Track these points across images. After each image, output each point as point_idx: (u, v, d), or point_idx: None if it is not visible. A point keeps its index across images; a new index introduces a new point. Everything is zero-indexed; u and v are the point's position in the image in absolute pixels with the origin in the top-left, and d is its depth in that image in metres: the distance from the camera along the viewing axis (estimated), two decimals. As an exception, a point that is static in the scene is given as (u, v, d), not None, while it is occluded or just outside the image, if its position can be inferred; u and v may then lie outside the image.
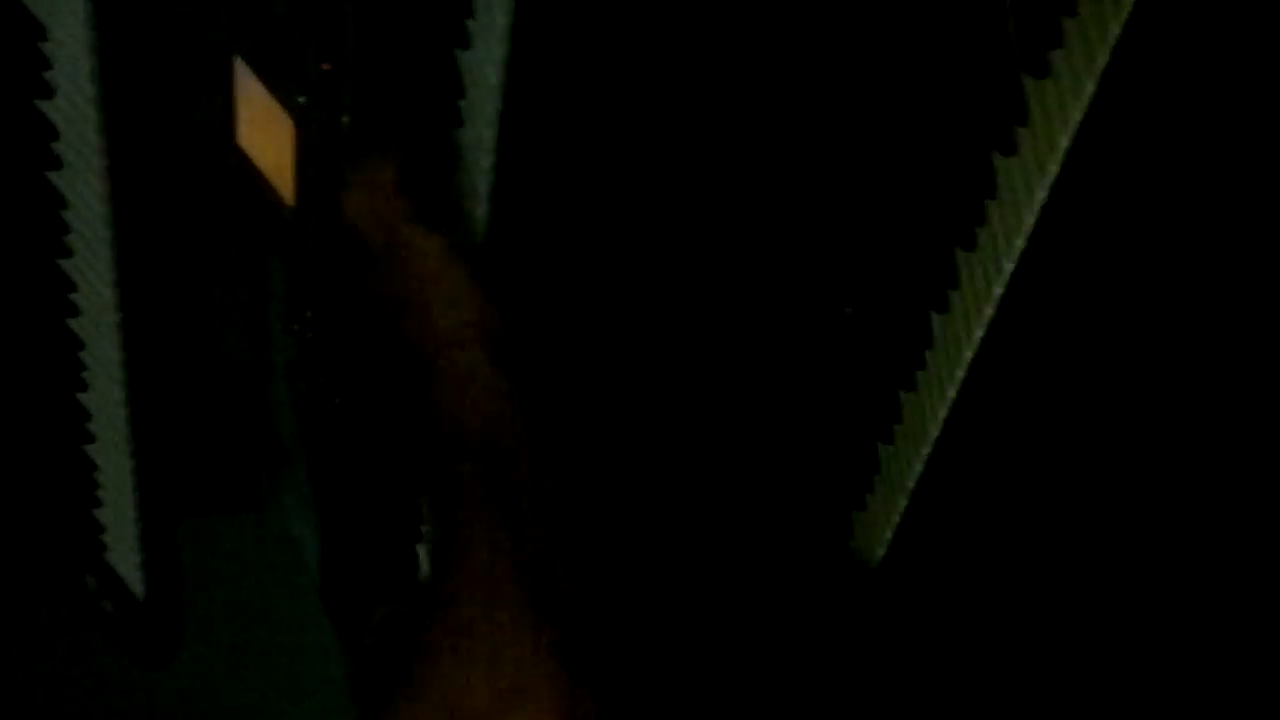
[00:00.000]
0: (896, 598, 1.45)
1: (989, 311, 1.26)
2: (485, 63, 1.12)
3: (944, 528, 1.43)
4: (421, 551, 1.43)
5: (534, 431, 1.08)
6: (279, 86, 1.22)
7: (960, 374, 1.31)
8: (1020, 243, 1.21)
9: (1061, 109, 1.13)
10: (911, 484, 1.40)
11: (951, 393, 1.32)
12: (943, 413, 1.34)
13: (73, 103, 1.21)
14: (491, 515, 1.04)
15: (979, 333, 1.28)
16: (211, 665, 1.59)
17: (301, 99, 1.19)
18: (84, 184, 1.26)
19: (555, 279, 1.26)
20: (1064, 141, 1.14)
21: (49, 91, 1.20)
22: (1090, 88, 1.11)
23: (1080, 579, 1.48)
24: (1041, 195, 1.18)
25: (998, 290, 1.24)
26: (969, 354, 1.29)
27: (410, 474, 1.41)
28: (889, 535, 1.43)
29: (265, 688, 1.56)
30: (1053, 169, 1.16)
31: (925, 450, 1.37)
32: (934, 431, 1.35)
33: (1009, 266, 1.22)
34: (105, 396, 1.39)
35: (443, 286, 1.12)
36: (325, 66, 1.16)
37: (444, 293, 1.12)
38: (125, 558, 1.51)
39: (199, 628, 1.59)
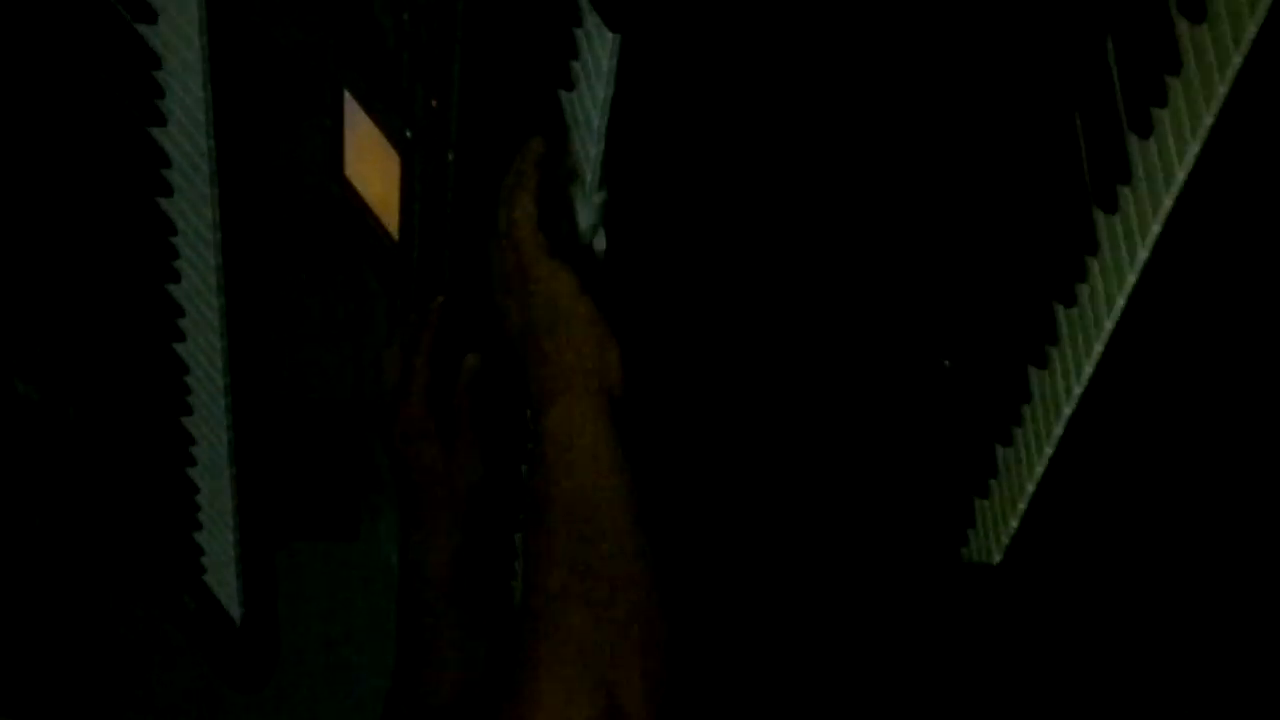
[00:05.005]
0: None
1: (1089, 369, 1.25)
2: (589, 104, 1.13)
3: (1041, 583, 1.42)
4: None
5: (636, 493, 1.03)
6: (387, 121, 1.23)
7: (1058, 430, 1.30)
8: (1122, 301, 1.20)
9: (1165, 167, 1.12)
10: (1007, 539, 1.39)
11: (1049, 449, 1.31)
12: (1040, 468, 1.33)
13: (185, 131, 1.23)
14: (574, 611, 0.98)
15: (1078, 389, 1.27)
16: (302, 687, 1.60)
17: (409, 133, 1.20)
18: (194, 211, 1.28)
19: (656, 322, 1.26)
20: (1168, 201, 1.13)
21: (162, 120, 1.22)
22: (1195, 147, 1.10)
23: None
24: (1144, 254, 1.17)
25: (1098, 348, 1.23)
26: (1068, 410, 1.28)
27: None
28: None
29: (354, 713, 1.57)
30: (1155, 228, 1.15)
31: (1022, 506, 1.36)
32: (1030, 487, 1.35)
33: (1109, 325, 1.21)
34: (209, 421, 1.41)
35: (568, 328, 1.09)
36: (433, 103, 1.17)
37: (568, 335, 1.09)
38: (223, 580, 1.53)
39: (292, 651, 1.61)
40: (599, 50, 1.09)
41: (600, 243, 1.18)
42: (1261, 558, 1.39)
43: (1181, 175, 1.11)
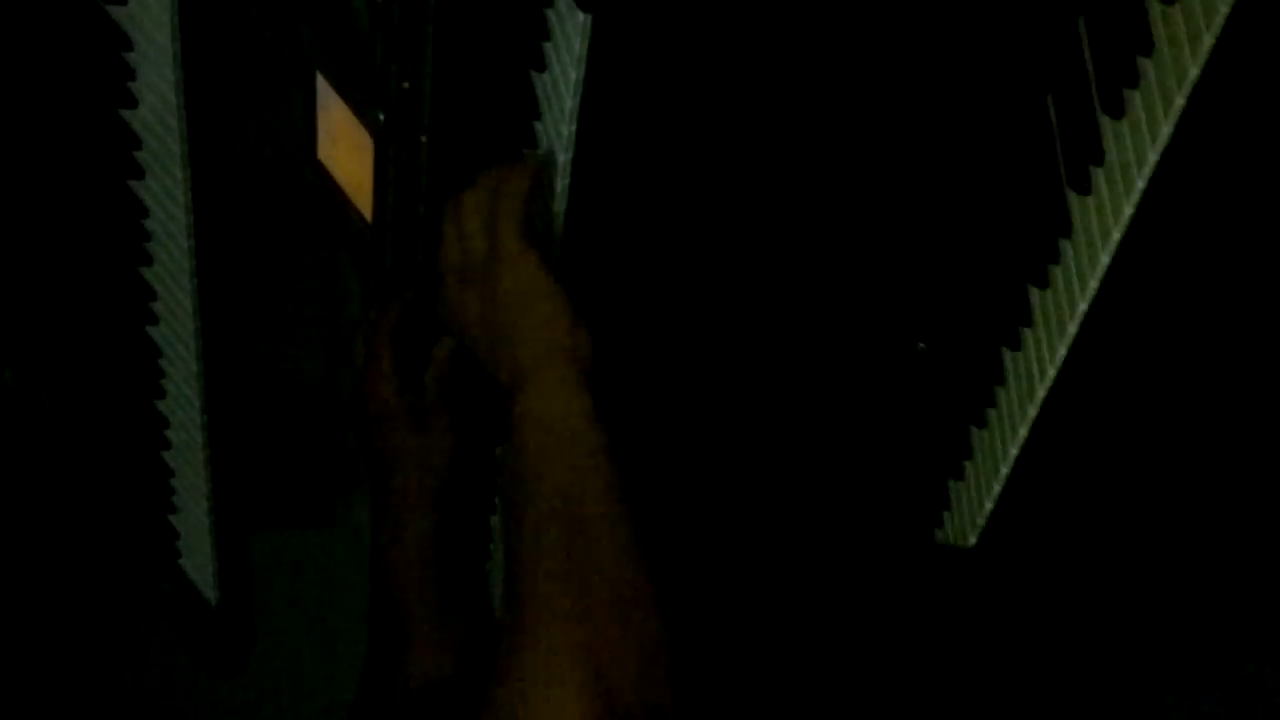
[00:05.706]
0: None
1: (1062, 350, 1.25)
2: (560, 85, 1.13)
3: (1013, 566, 1.42)
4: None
5: (620, 477, 1.01)
6: (359, 103, 1.23)
7: (1033, 412, 1.30)
8: (1095, 282, 1.20)
9: (1138, 148, 1.12)
10: (983, 521, 1.39)
11: (1023, 431, 1.31)
12: (1014, 450, 1.33)
13: (156, 113, 1.22)
14: (564, 600, 0.96)
15: (1052, 371, 1.27)
16: (279, 675, 1.60)
17: (381, 116, 1.19)
18: (166, 193, 1.27)
19: (626, 306, 1.26)
20: (1140, 182, 1.13)
21: (133, 102, 1.22)
22: (1167, 129, 1.10)
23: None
24: (1117, 235, 1.17)
25: (1072, 329, 1.24)
26: (1042, 392, 1.28)
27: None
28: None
29: (332, 700, 1.57)
30: (1128, 209, 1.15)
31: (996, 488, 1.36)
32: (1005, 469, 1.35)
33: (1083, 306, 1.21)
34: (183, 404, 1.41)
35: (540, 307, 1.09)
36: (405, 85, 1.16)
37: (540, 315, 1.09)
38: (199, 564, 1.52)
39: (269, 638, 1.60)
40: (570, 32, 1.09)
41: (559, 226, 1.19)
42: (1236, 535, 1.40)
43: (1154, 156, 1.11)
